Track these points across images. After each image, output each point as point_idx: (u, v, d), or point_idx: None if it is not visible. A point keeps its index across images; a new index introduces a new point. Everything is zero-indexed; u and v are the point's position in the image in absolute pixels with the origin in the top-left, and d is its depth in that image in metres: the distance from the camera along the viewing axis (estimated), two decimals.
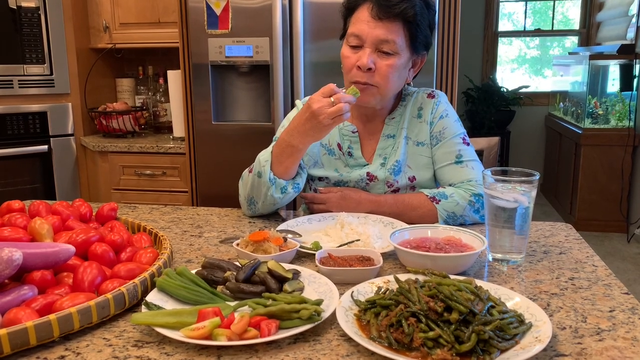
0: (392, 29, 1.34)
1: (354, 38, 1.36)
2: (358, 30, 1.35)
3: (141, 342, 0.83)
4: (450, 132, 1.47)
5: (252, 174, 1.41)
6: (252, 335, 0.79)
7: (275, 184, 1.37)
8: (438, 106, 1.49)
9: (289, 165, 1.37)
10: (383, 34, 1.33)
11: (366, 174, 1.47)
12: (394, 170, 1.46)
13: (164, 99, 3.20)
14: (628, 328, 0.86)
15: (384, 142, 1.49)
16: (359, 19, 1.36)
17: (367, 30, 1.34)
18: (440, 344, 0.76)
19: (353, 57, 1.37)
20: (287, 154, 1.35)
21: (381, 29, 1.33)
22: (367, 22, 1.34)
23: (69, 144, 3.00)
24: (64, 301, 0.84)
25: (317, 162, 1.53)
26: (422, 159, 1.48)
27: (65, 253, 0.94)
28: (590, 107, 4.41)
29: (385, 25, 1.33)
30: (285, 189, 1.39)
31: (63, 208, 1.20)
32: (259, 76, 2.51)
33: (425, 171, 1.49)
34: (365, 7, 1.35)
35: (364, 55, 1.34)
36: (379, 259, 1.06)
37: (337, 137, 1.52)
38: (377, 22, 1.33)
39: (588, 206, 4.31)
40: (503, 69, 5.85)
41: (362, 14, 1.36)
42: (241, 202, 1.50)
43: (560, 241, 1.28)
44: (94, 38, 3.09)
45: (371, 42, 1.34)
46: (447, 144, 1.46)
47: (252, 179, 1.41)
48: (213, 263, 1.01)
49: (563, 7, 5.66)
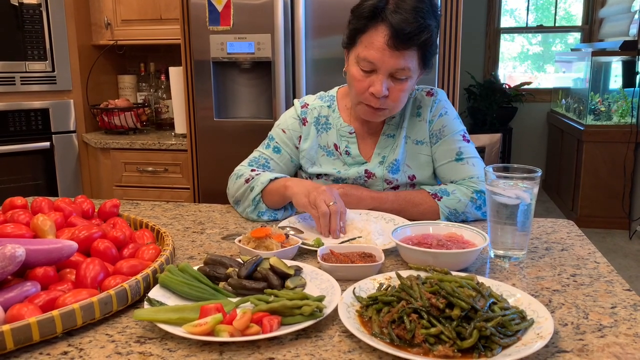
0: (408, 56, 1.30)
1: (367, 64, 1.31)
2: (372, 57, 1.29)
3: (144, 338, 0.83)
4: (450, 129, 1.46)
5: (247, 185, 1.44)
6: (254, 332, 0.80)
7: (257, 206, 1.43)
8: (437, 104, 1.48)
9: (274, 204, 1.43)
10: (399, 63, 1.29)
11: (364, 171, 1.47)
12: (392, 168, 1.46)
13: (165, 95, 3.20)
14: (630, 324, 0.86)
15: (384, 141, 1.49)
16: (372, 45, 1.29)
17: (382, 59, 1.29)
18: (442, 340, 0.76)
19: (365, 81, 1.33)
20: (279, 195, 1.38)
21: (397, 59, 1.28)
22: (382, 50, 1.28)
23: (71, 141, 3.01)
24: (67, 297, 0.85)
25: (315, 163, 1.53)
26: (421, 157, 1.48)
27: (68, 249, 0.94)
28: (593, 104, 4.40)
29: (401, 55, 1.28)
30: (262, 214, 1.43)
31: (65, 205, 1.20)
32: (261, 73, 2.51)
33: (425, 170, 1.48)
34: (380, 33, 1.28)
35: (378, 82, 1.31)
36: (381, 255, 1.06)
37: (335, 138, 1.51)
38: (392, 52, 1.27)
39: (590, 203, 4.31)
40: (505, 65, 5.83)
41: (376, 40, 1.28)
42: (228, 195, 1.53)
43: (562, 238, 1.28)
44: (95, 35, 3.09)
45: (386, 70, 1.30)
46: (447, 142, 1.46)
47: (244, 189, 1.45)
48: (215, 259, 1.01)
49: (565, 3, 5.64)
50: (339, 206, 1.25)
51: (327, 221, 1.23)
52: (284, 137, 1.55)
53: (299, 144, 1.54)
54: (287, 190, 1.35)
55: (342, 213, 1.25)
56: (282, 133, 1.55)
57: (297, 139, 1.54)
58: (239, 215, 1.49)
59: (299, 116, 1.55)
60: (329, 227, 1.24)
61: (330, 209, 1.23)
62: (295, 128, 1.55)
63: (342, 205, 1.27)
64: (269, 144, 1.56)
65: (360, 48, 1.33)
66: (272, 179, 1.41)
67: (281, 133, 1.55)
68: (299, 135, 1.54)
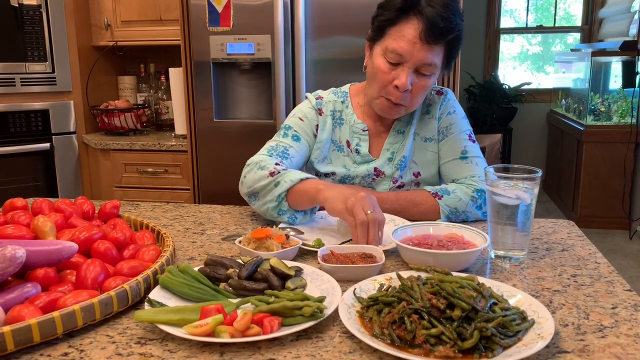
0: (436, 52, 1.31)
1: (395, 55, 1.31)
2: (401, 49, 1.30)
3: (144, 339, 0.83)
4: (457, 128, 1.48)
5: (272, 179, 1.33)
6: (254, 332, 0.80)
7: (280, 204, 1.32)
8: (446, 103, 1.50)
9: (299, 206, 1.32)
10: (427, 57, 1.30)
11: (373, 169, 1.48)
12: (401, 165, 1.47)
13: (165, 96, 3.20)
14: (631, 325, 0.86)
15: (394, 137, 1.49)
16: (403, 36, 1.29)
17: (412, 52, 1.29)
18: (442, 341, 0.76)
19: (391, 74, 1.33)
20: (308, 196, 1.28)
21: (426, 52, 1.29)
22: (414, 43, 1.28)
23: (71, 142, 3.00)
24: (67, 298, 0.85)
25: (326, 158, 1.53)
26: (428, 154, 1.49)
27: (68, 250, 0.94)
28: (593, 104, 4.40)
29: (431, 49, 1.29)
30: (282, 212, 1.33)
31: (66, 206, 1.20)
32: (261, 73, 2.51)
33: (430, 167, 1.49)
34: (412, 25, 1.28)
35: (404, 75, 1.31)
36: (381, 256, 1.06)
37: (348, 134, 1.52)
38: (423, 45, 1.28)
39: (590, 203, 4.31)
40: (505, 65, 5.83)
41: (408, 32, 1.29)
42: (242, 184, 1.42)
43: (562, 238, 1.28)
44: (95, 36, 3.09)
45: (413, 63, 1.31)
46: (453, 140, 1.47)
47: (268, 182, 1.33)
48: (215, 260, 1.01)
49: (565, 4, 5.64)
50: (378, 214, 1.14)
51: (366, 230, 1.13)
52: (303, 125, 1.51)
53: (316, 132, 1.52)
54: (319, 193, 1.24)
55: (380, 222, 1.14)
56: (300, 121, 1.51)
57: (315, 127, 1.52)
58: (239, 216, 1.48)
59: (314, 107, 1.54)
60: (367, 237, 1.13)
61: (369, 217, 1.13)
62: (312, 117, 1.52)
63: (381, 213, 1.16)
64: (287, 133, 1.50)
65: (389, 40, 1.32)
66: (302, 179, 1.30)
67: (299, 121, 1.51)
68: (316, 124, 1.52)
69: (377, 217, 1.14)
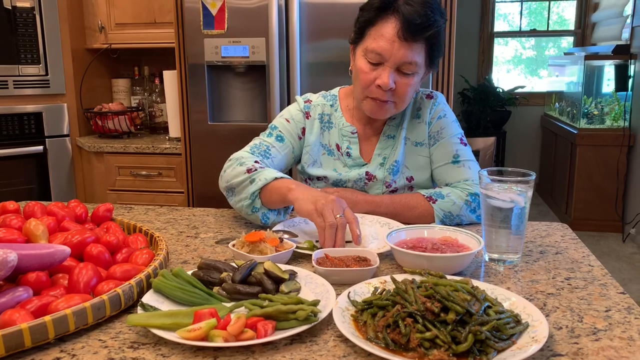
0: (416, 50, 1.31)
1: (375, 55, 1.32)
2: (380, 48, 1.31)
3: (137, 343, 0.83)
4: (448, 132, 1.47)
5: (248, 175, 1.35)
6: (248, 337, 0.79)
7: (253, 201, 1.34)
8: (436, 107, 1.50)
9: (271, 204, 1.33)
10: (407, 55, 1.30)
11: (365, 173, 1.48)
12: (393, 170, 1.47)
13: (159, 99, 3.20)
14: (624, 328, 0.86)
15: (384, 142, 1.50)
16: (382, 36, 1.31)
17: (391, 51, 1.30)
18: (437, 345, 0.76)
19: (372, 74, 1.34)
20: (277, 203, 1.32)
21: (406, 50, 1.30)
22: (392, 41, 1.29)
23: (64, 145, 2.99)
24: (59, 302, 0.84)
25: (316, 162, 1.53)
26: (420, 159, 1.49)
27: (61, 254, 0.94)
28: (586, 108, 4.43)
29: (410, 47, 1.30)
30: (255, 210, 1.34)
31: (58, 209, 1.20)
32: (255, 76, 2.50)
33: (423, 171, 1.49)
34: (390, 24, 1.30)
35: (385, 74, 1.32)
36: (376, 259, 1.06)
37: (337, 138, 1.52)
38: (402, 43, 1.29)
39: (584, 206, 4.32)
40: (499, 69, 5.86)
41: (386, 31, 1.30)
42: (220, 179, 1.45)
43: (556, 241, 1.28)
44: (89, 38, 3.08)
45: (393, 62, 1.31)
46: (445, 144, 1.47)
47: (244, 178, 1.35)
48: (209, 264, 1.01)
49: (558, 8, 5.68)
50: (348, 216, 1.15)
51: (334, 234, 1.12)
52: (288, 126, 1.52)
53: (302, 135, 1.53)
54: (290, 192, 1.24)
55: (352, 221, 1.15)
56: (286, 122, 1.53)
57: (300, 130, 1.53)
58: (233, 219, 1.48)
59: (302, 110, 1.55)
60: (334, 240, 1.13)
61: (338, 221, 1.13)
62: (299, 119, 1.53)
63: (352, 215, 1.16)
64: (272, 132, 1.52)
65: (369, 40, 1.34)
66: (276, 177, 1.32)
67: (285, 122, 1.53)
68: (302, 127, 1.53)
69: (345, 221, 1.14)
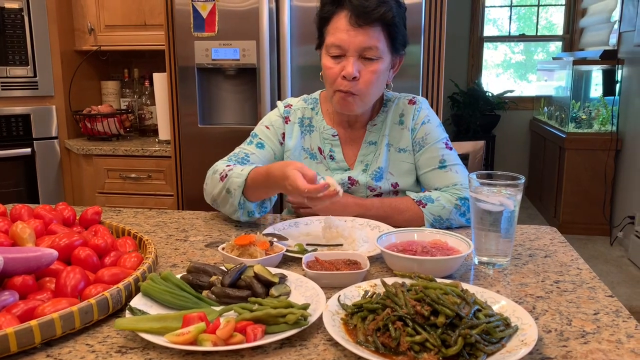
0: (373, 34, 1.33)
1: (335, 48, 1.35)
2: (338, 40, 1.34)
3: (125, 347, 0.82)
4: (433, 137, 1.48)
5: (222, 185, 1.37)
6: (237, 341, 0.79)
7: (243, 208, 1.37)
8: (419, 112, 1.50)
9: (262, 196, 1.37)
10: (365, 40, 1.32)
11: (347, 178, 1.48)
12: (376, 176, 1.47)
13: (149, 101, 3.18)
14: (612, 331, 0.86)
15: (366, 148, 1.50)
16: (337, 29, 1.34)
17: (349, 39, 1.33)
18: (427, 348, 0.76)
19: (336, 67, 1.36)
20: (262, 191, 1.34)
21: (362, 36, 1.32)
22: (347, 30, 1.32)
23: (52, 147, 2.97)
24: (46, 307, 0.83)
25: None
26: (404, 165, 1.49)
27: (48, 257, 0.93)
28: (574, 112, 4.47)
29: (365, 32, 1.32)
30: (252, 214, 1.39)
31: (46, 212, 1.18)
32: (246, 79, 2.50)
33: (407, 177, 1.49)
34: (343, 16, 1.33)
35: (349, 64, 1.34)
36: (366, 262, 1.06)
37: (318, 141, 1.52)
38: (357, 30, 1.32)
39: (572, 209, 4.36)
40: (488, 73, 5.90)
41: (339, 23, 1.34)
42: (205, 192, 1.47)
43: (545, 244, 1.29)
44: (78, 40, 3.06)
45: (354, 50, 1.33)
46: (430, 150, 1.47)
47: (220, 190, 1.39)
48: (198, 267, 1.00)
49: (547, 13, 5.73)
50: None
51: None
52: (268, 133, 1.54)
53: (282, 140, 1.54)
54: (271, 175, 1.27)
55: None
56: (266, 129, 1.55)
57: (280, 135, 1.54)
58: (222, 222, 1.47)
59: (281, 115, 1.56)
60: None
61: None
62: (278, 125, 1.55)
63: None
64: (252, 140, 1.54)
65: (328, 38, 1.37)
66: (246, 178, 1.33)
67: (265, 129, 1.55)
68: (282, 132, 1.54)
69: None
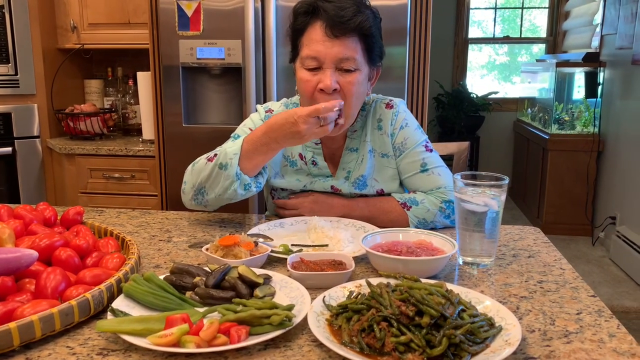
0: (350, 45, 1.28)
1: (311, 60, 1.30)
2: (314, 52, 1.29)
3: (106, 350, 0.81)
4: (412, 141, 1.45)
5: (213, 163, 1.33)
6: (221, 342, 0.78)
7: (240, 179, 1.32)
8: (397, 116, 1.46)
9: (259, 163, 1.33)
10: (342, 51, 1.28)
11: (330, 187, 1.46)
12: (358, 184, 1.45)
13: (133, 100, 3.15)
14: (595, 330, 0.87)
15: (348, 156, 1.47)
16: (312, 40, 1.29)
17: (325, 51, 1.28)
18: (411, 349, 0.76)
19: (313, 80, 1.30)
20: (261, 152, 1.30)
21: (339, 47, 1.27)
22: (323, 42, 1.28)
23: (34, 146, 2.92)
24: (25, 308, 0.82)
25: (278, 173, 1.50)
26: (388, 170, 1.47)
27: (28, 258, 0.91)
28: (557, 114, 4.51)
29: (342, 43, 1.28)
30: (249, 186, 1.34)
31: (26, 212, 1.17)
32: (231, 79, 2.49)
33: (392, 183, 1.47)
34: (318, 27, 1.29)
35: (326, 76, 1.28)
36: (351, 263, 1.06)
37: (300, 147, 1.48)
38: (333, 41, 1.27)
39: (555, 210, 4.40)
40: (473, 75, 5.94)
41: (315, 34, 1.29)
42: (185, 191, 1.42)
43: (529, 245, 1.30)
44: (61, 38, 3.02)
45: (330, 61, 1.28)
46: (411, 154, 1.44)
47: (211, 169, 1.33)
48: (182, 268, 0.99)
49: (531, 15, 5.79)
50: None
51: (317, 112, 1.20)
52: None
53: None
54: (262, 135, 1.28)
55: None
56: (249, 131, 1.49)
57: None
58: (207, 223, 1.46)
59: (263, 119, 1.52)
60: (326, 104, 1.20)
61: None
62: None
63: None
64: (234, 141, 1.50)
65: (303, 50, 1.32)
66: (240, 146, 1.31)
67: (248, 131, 1.50)
68: None
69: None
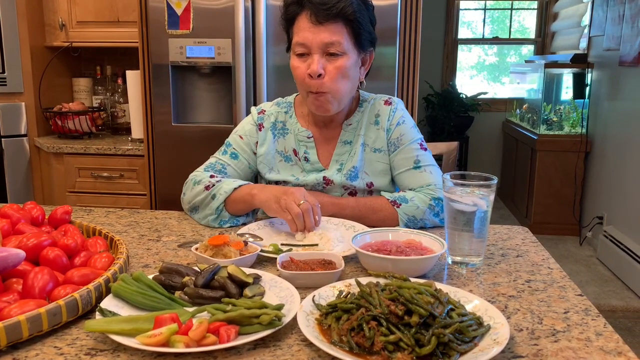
0: (335, 30, 1.34)
1: (299, 47, 1.37)
2: (302, 39, 1.36)
3: (95, 350, 0.80)
4: (408, 138, 1.48)
5: (208, 192, 1.41)
6: (210, 342, 0.78)
7: (219, 215, 1.41)
8: (395, 113, 1.50)
9: (239, 212, 1.42)
10: (327, 36, 1.34)
11: (322, 178, 1.48)
12: (351, 175, 1.47)
13: (122, 99, 3.13)
14: (582, 329, 0.88)
15: (341, 147, 1.50)
16: (300, 28, 1.37)
17: (311, 37, 1.34)
18: (400, 348, 0.76)
19: (303, 66, 1.38)
20: (245, 203, 1.38)
21: (324, 32, 1.34)
22: (309, 29, 1.35)
23: (21, 145, 2.89)
24: (13, 308, 0.81)
25: (273, 169, 1.53)
26: (378, 165, 1.50)
27: (15, 258, 0.90)
28: (545, 114, 4.55)
29: (327, 28, 1.34)
30: (224, 222, 1.42)
31: (13, 211, 1.15)
32: (221, 78, 2.48)
33: (382, 177, 1.50)
34: (304, 15, 1.36)
35: (313, 62, 1.35)
36: (341, 262, 1.06)
37: (293, 143, 1.52)
38: (319, 27, 1.34)
39: (543, 210, 4.44)
40: (462, 75, 5.97)
41: (302, 23, 1.36)
42: (183, 201, 1.50)
43: (517, 244, 1.31)
44: (49, 36, 3.00)
45: (317, 47, 1.35)
46: (405, 150, 1.48)
47: (204, 196, 1.42)
48: (171, 268, 0.98)
49: (520, 17, 5.83)
50: (310, 202, 1.27)
51: (302, 221, 1.25)
52: (242, 143, 1.54)
53: (256, 149, 1.54)
54: (254, 198, 1.36)
55: (314, 207, 1.27)
56: (240, 139, 1.55)
57: (254, 144, 1.54)
58: (196, 222, 1.46)
59: (255, 122, 1.56)
60: (305, 226, 1.26)
61: (302, 207, 1.25)
62: (252, 134, 1.55)
63: (314, 200, 1.29)
64: (226, 150, 1.55)
65: (293, 38, 1.40)
66: (235, 188, 1.39)
67: (238, 139, 1.55)
68: (255, 141, 1.54)
69: (309, 206, 1.26)
